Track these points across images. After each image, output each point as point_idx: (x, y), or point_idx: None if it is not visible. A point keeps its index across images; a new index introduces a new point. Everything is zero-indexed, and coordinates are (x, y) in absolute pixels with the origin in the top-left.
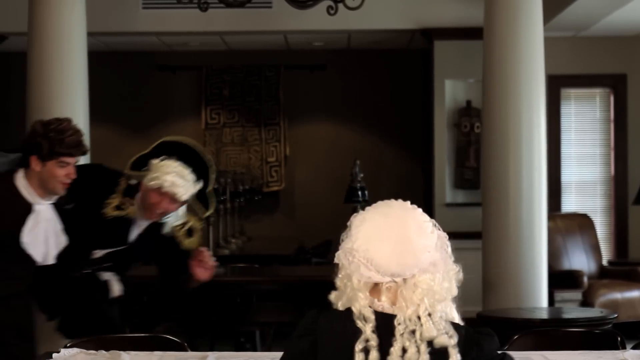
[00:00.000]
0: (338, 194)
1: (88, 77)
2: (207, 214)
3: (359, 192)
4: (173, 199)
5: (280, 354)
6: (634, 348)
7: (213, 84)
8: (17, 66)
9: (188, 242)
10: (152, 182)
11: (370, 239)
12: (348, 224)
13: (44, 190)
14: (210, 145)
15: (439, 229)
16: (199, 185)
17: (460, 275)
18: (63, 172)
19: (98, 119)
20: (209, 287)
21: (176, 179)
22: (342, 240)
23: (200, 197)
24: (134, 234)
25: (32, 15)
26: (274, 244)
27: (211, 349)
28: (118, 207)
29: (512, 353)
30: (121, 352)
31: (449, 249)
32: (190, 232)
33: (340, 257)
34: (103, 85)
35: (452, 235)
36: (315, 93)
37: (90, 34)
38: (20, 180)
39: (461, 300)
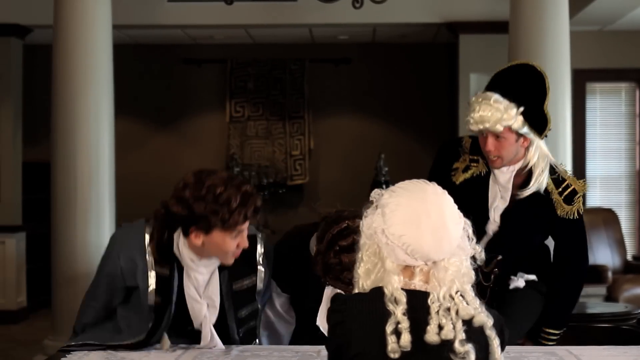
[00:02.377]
0: (362, 187)
1: (113, 70)
2: (544, 134)
3: (384, 186)
4: (494, 134)
5: (303, 347)
6: None
7: (238, 77)
8: (42, 59)
9: (567, 210)
10: (468, 127)
11: (408, 225)
12: (373, 199)
13: None
14: (235, 138)
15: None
16: (516, 107)
17: (483, 255)
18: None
19: (123, 112)
20: None
21: (482, 111)
22: (366, 216)
23: (534, 119)
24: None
25: (57, 8)
26: None
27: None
28: (466, 169)
29: (536, 348)
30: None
31: (470, 231)
32: (569, 198)
33: (368, 234)
34: (128, 79)
35: None
36: (340, 87)
37: (115, 27)
38: None
39: None
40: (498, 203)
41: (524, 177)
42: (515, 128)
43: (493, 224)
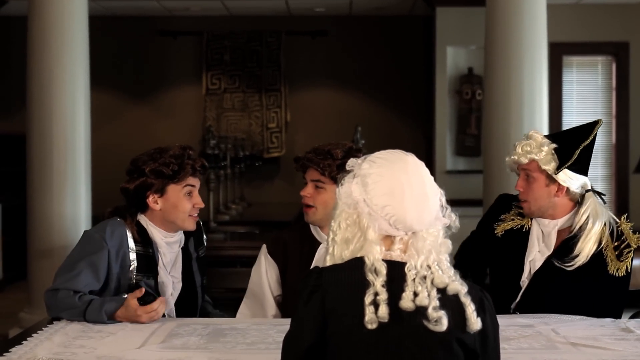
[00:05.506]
0: None
1: (89, 42)
2: (560, 170)
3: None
4: (524, 173)
5: (281, 320)
6: (633, 317)
7: (214, 50)
8: (17, 31)
9: (617, 266)
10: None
11: (392, 196)
12: (350, 168)
13: None
14: (211, 110)
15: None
16: (549, 145)
17: (457, 223)
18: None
19: (98, 84)
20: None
21: (517, 146)
22: (342, 184)
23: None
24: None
25: None
26: (274, 209)
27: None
28: (510, 221)
29: (515, 320)
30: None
31: (444, 199)
32: (621, 253)
33: (347, 202)
34: (104, 51)
35: (453, 203)
36: (317, 59)
37: None
38: None
39: None
40: (534, 257)
41: (569, 238)
42: (541, 164)
43: (526, 278)
